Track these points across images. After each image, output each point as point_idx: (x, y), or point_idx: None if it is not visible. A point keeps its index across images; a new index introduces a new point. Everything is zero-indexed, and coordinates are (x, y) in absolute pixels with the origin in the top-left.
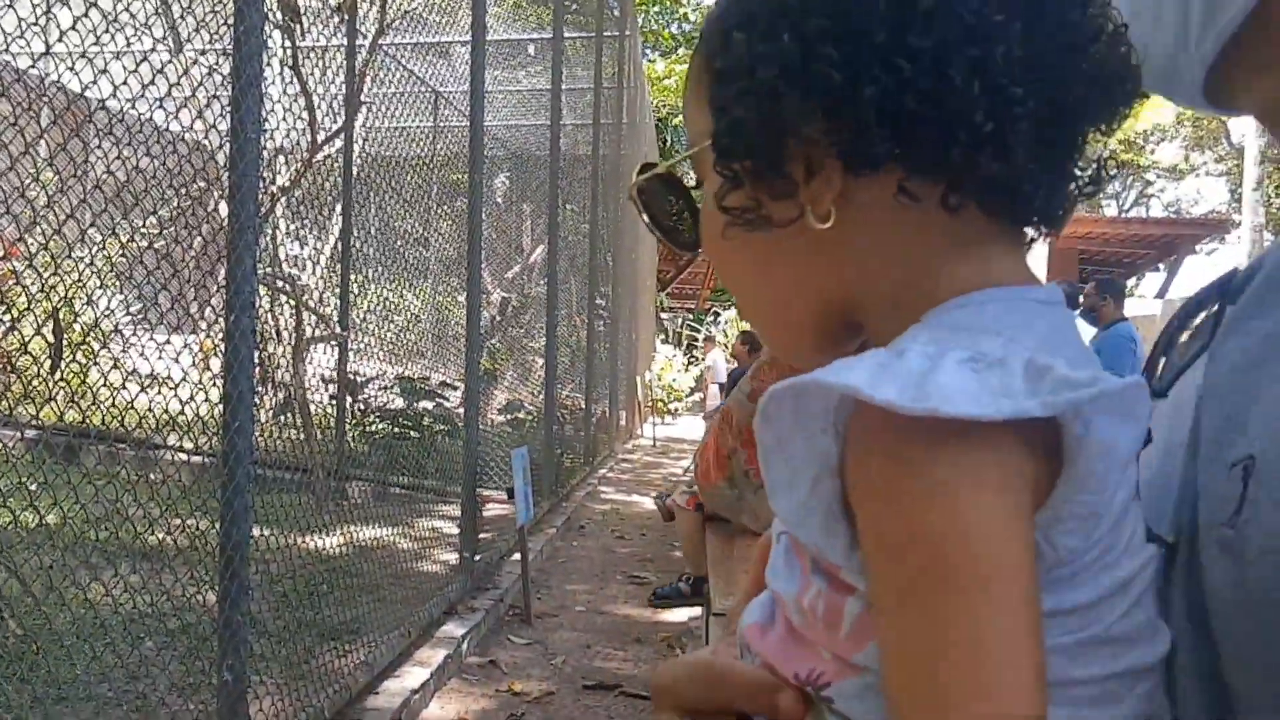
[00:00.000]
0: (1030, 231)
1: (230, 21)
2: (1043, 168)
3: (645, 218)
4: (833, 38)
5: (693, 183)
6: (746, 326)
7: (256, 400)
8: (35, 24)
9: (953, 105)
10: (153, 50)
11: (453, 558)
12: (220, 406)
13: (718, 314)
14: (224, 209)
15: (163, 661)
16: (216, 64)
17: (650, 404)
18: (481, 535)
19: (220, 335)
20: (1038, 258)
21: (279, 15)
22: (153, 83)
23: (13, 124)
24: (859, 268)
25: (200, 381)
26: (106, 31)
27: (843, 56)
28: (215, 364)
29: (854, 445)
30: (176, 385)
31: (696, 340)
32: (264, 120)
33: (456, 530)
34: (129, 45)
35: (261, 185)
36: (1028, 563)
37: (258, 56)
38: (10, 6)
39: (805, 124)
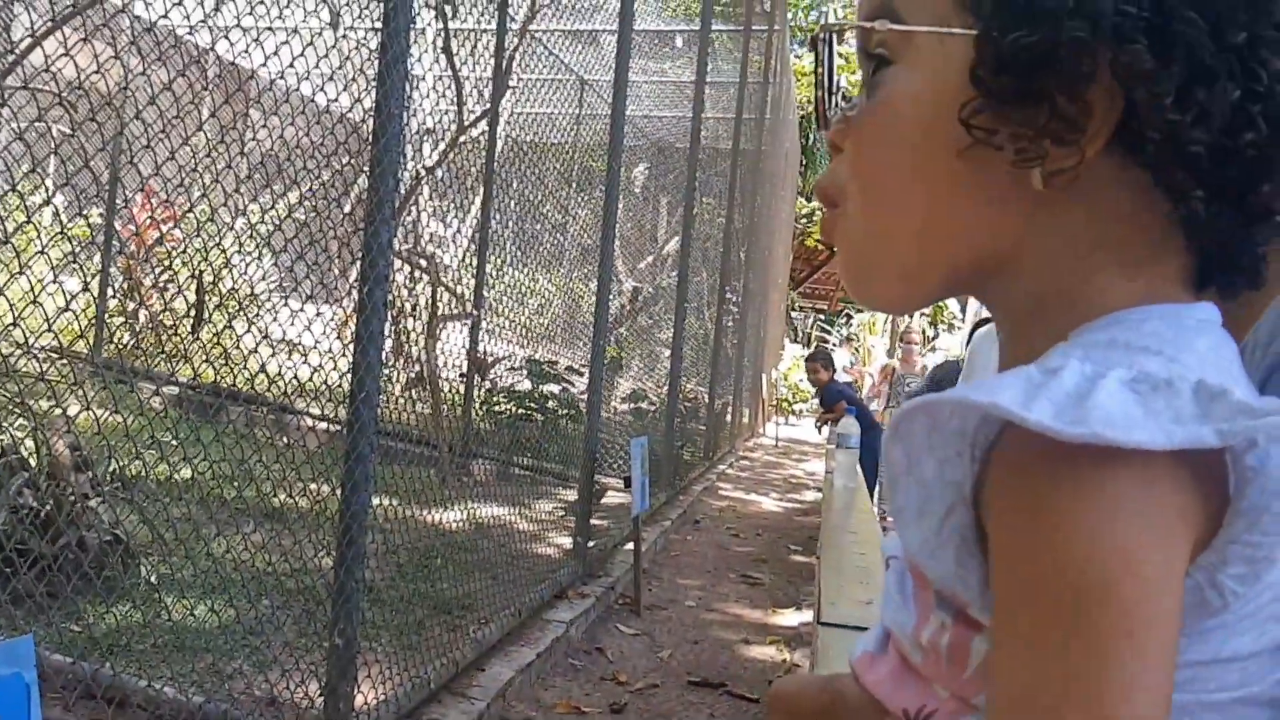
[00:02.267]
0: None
1: None
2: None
3: (822, 69)
4: (1199, 12)
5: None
6: (870, 335)
7: (388, 373)
8: None
9: (1260, 105)
10: (303, 22)
11: (567, 542)
12: (349, 376)
13: (850, 316)
14: (364, 182)
15: (279, 620)
16: (363, 39)
17: (775, 403)
18: (596, 522)
19: (354, 307)
20: None
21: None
22: (301, 55)
23: (169, 89)
24: (1041, 243)
25: (330, 350)
26: (262, 3)
27: (1212, 35)
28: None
29: (998, 471)
30: (306, 353)
31: (826, 341)
32: (410, 99)
33: (573, 515)
34: (280, 18)
35: (403, 163)
36: (1177, 613)
37: (404, 33)
38: None
39: (1138, 80)
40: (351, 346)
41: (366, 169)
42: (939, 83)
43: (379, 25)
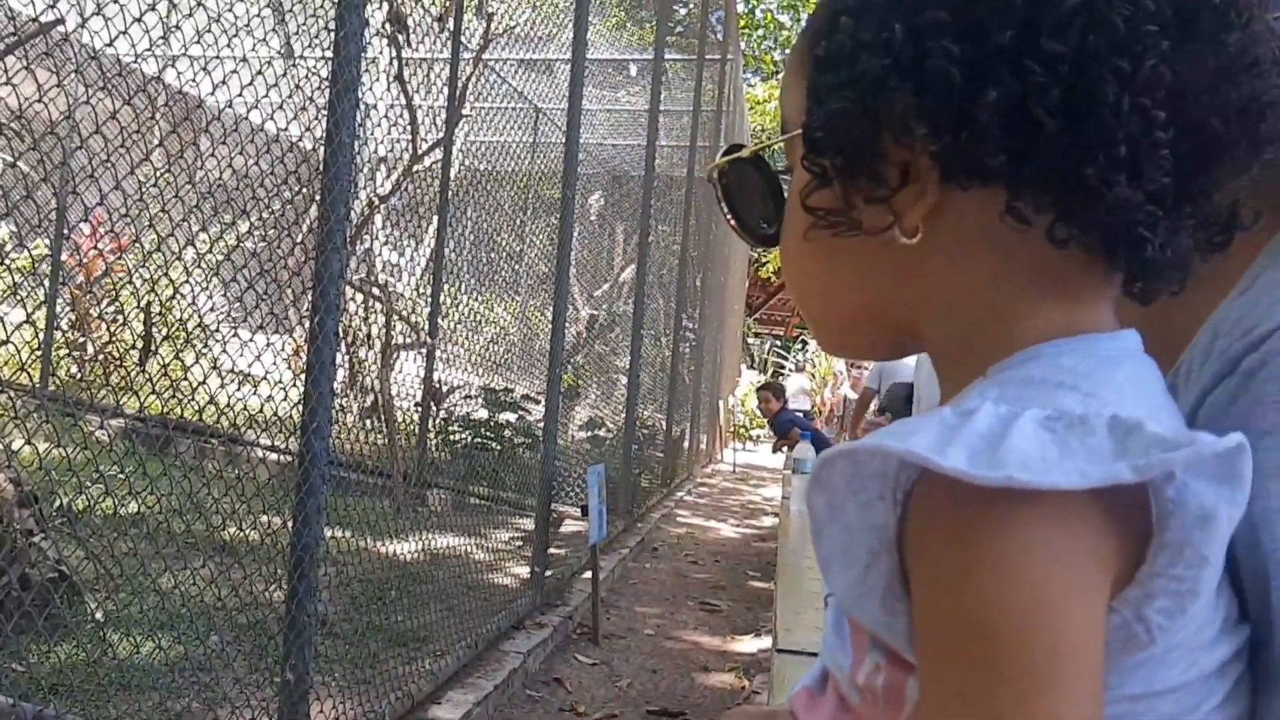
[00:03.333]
0: (1119, 285)
1: (332, 27)
2: (1168, 209)
3: (723, 205)
4: (953, 32)
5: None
6: (826, 359)
7: (342, 403)
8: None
9: (1091, 122)
10: (253, 51)
11: (524, 572)
12: (300, 407)
13: (805, 342)
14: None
15: (229, 656)
16: (314, 68)
17: (732, 429)
18: (554, 551)
19: (305, 336)
20: None
21: (387, 26)
22: (251, 84)
23: (114, 117)
24: (936, 292)
25: (280, 381)
26: (210, 32)
27: (963, 53)
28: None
29: (916, 516)
30: (256, 384)
31: (783, 369)
32: (362, 127)
33: (529, 545)
34: (229, 46)
35: (354, 191)
36: (1099, 652)
37: (355, 61)
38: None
39: (909, 124)
40: (303, 377)
41: (317, 197)
42: (799, 179)
43: (330, 54)
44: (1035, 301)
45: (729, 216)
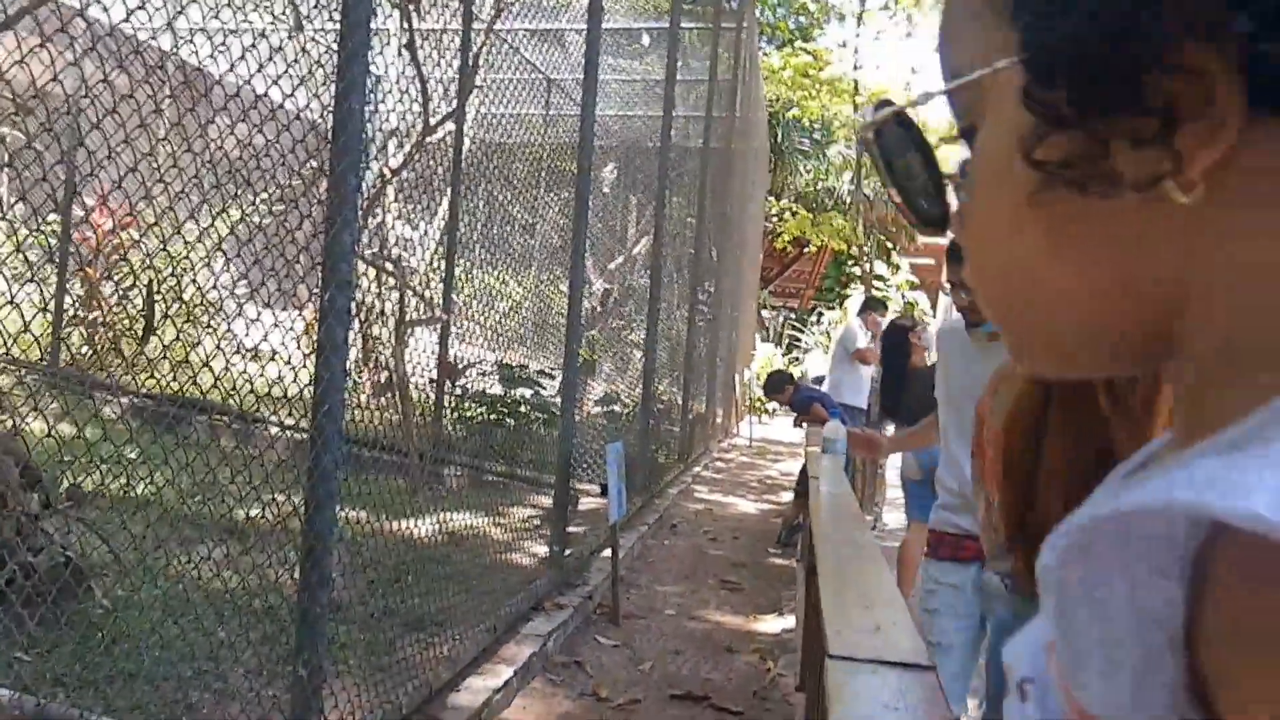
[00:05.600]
0: None
1: None
2: None
3: (885, 174)
4: None
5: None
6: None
7: (357, 380)
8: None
9: None
10: (244, 22)
11: (543, 551)
12: (310, 388)
13: (821, 314)
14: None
15: (240, 647)
16: (319, 32)
17: (748, 403)
18: (572, 529)
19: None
20: None
21: None
22: (252, 49)
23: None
24: (1221, 271)
25: (289, 360)
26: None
27: None
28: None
29: (1242, 597)
30: (264, 363)
31: (798, 340)
32: (371, 97)
33: (548, 523)
34: (234, 18)
35: (365, 162)
36: None
37: (365, 25)
38: None
39: (1217, 15)
40: (313, 356)
41: (326, 169)
42: (1012, 128)
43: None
44: None
45: (893, 190)
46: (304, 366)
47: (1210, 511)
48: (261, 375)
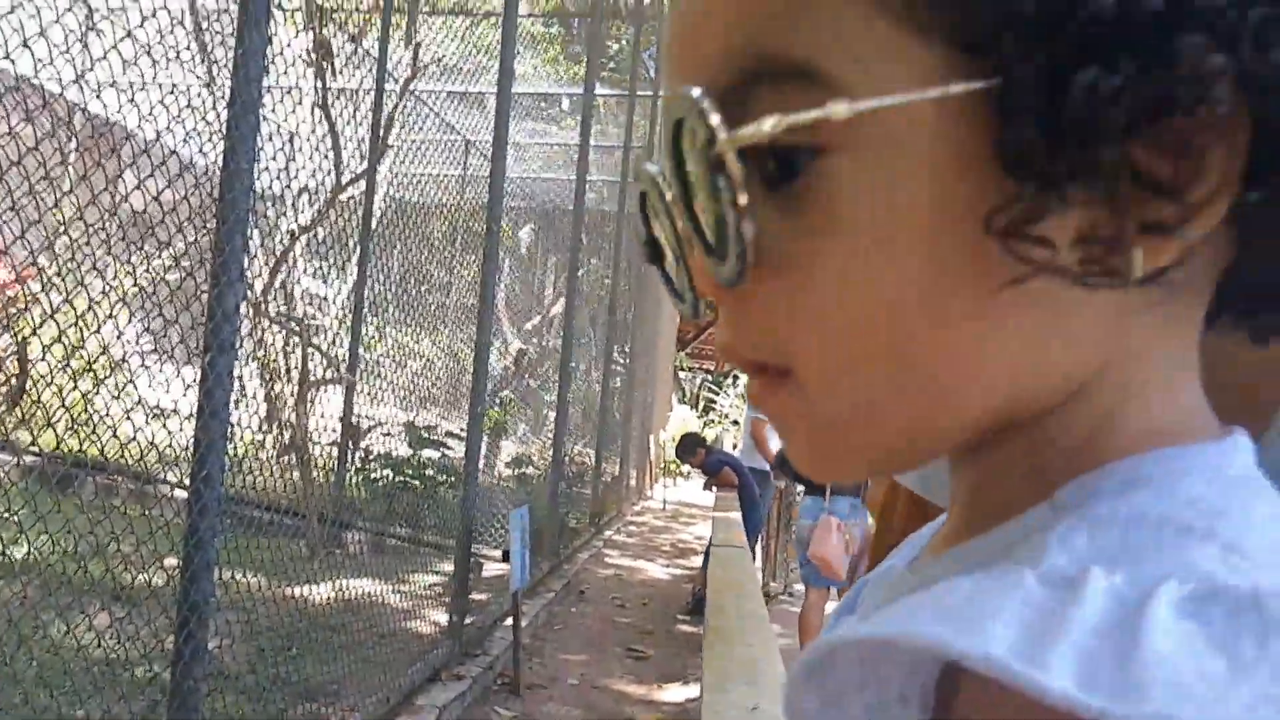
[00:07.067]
0: None
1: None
2: None
3: (653, 236)
4: None
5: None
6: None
7: (257, 440)
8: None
9: None
10: (164, 71)
11: (443, 619)
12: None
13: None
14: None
15: (124, 717)
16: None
17: (663, 465)
18: (477, 596)
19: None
20: None
21: (310, 54)
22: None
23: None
24: (1130, 354)
25: (162, 414)
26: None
27: None
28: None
29: None
30: (165, 420)
31: (714, 402)
32: (280, 154)
33: (449, 590)
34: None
35: (253, 222)
36: None
37: (257, 81)
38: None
39: (1268, 82)
40: (194, 421)
41: (211, 226)
42: (933, 174)
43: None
44: (1170, 373)
45: (669, 272)
46: (180, 430)
47: (946, 650)
48: (164, 430)
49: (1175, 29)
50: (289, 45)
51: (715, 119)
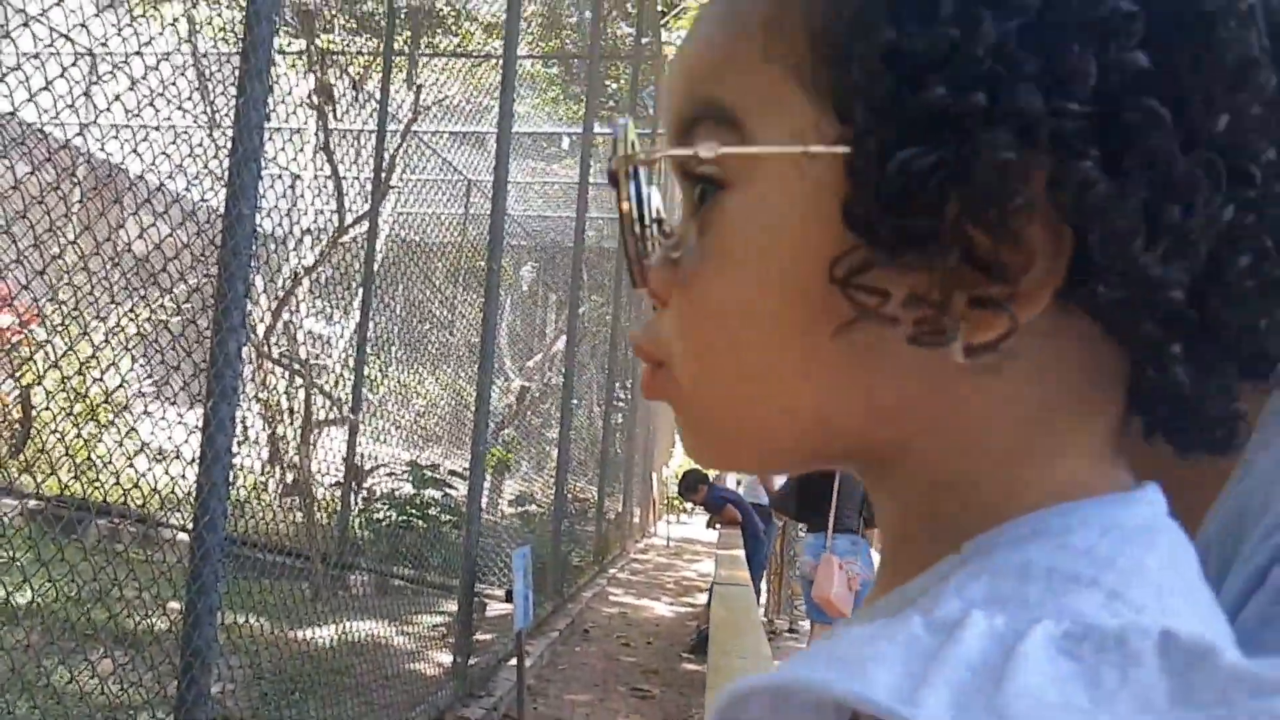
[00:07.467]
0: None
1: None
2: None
3: (629, 206)
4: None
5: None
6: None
7: (261, 482)
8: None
9: (1254, 216)
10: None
11: (447, 659)
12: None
13: None
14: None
15: None
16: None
17: (666, 502)
18: (481, 636)
19: (199, 422)
20: None
21: (313, 97)
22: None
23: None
24: (958, 417)
25: (161, 457)
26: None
27: (1167, 103)
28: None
29: None
30: (168, 463)
31: None
32: (287, 196)
33: (453, 631)
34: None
35: (255, 268)
36: None
37: (259, 129)
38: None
39: (1079, 194)
40: (196, 467)
41: (213, 272)
42: (799, 220)
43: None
44: (1051, 445)
45: (631, 235)
46: (182, 476)
47: (830, 693)
48: (167, 475)
49: (989, 124)
50: (292, 91)
51: (627, 144)
